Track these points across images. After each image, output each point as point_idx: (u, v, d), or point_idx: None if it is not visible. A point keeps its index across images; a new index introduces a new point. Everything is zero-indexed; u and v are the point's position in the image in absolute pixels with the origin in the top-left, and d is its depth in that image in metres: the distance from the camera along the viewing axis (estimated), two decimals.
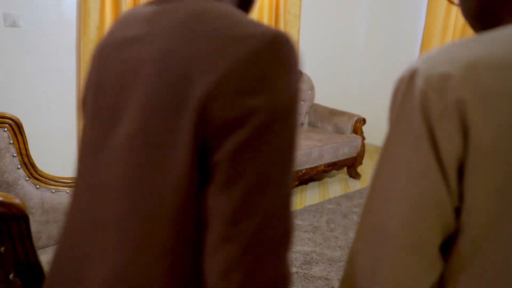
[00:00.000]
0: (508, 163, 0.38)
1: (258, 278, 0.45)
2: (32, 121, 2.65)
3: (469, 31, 3.50)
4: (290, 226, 0.46)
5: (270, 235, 0.45)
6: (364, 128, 3.77)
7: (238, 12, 0.48)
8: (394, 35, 4.23)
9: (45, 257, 1.50)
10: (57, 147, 2.82)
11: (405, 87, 0.44)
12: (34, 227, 1.55)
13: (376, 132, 4.54)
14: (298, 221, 2.85)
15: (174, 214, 0.47)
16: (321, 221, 2.92)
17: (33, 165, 1.57)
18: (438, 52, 0.44)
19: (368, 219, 0.48)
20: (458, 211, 0.43)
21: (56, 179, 1.63)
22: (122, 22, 0.59)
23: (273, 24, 3.66)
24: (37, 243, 1.56)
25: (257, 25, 0.46)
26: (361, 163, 3.77)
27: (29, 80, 2.59)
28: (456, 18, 3.63)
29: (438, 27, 3.76)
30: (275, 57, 0.44)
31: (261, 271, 0.45)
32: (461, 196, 0.42)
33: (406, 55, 4.16)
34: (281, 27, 3.71)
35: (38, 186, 1.57)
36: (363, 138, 3.67)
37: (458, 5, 0.56)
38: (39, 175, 1.58)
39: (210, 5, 0.49)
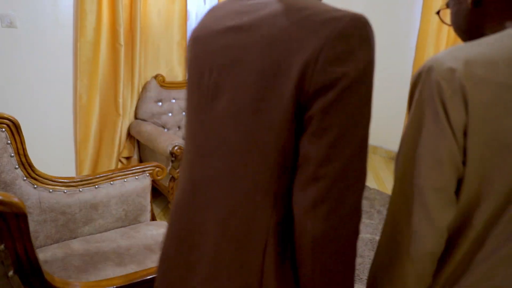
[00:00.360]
0: (492, 127, 0.57)
1: (340, 210, 0.57)
2: (29, 121, 2.67)
3: None
4: (365, 168, 0.59)
5: (351, 175, 0.57)
6: None
7: (317, 1, 0.61)
8: (389, 37, 4.27)
9: (43, 256, 1.51)
10: (54, 147, 2.83)
11: (424, 78, 0.62)
12: (31, 226, 1.57)
13: (371, 132, 4.58)
14: None
15: (276, 165, 0.61)
16: None
17: (30, 165, 1.58)
18: (444, 54, 0.62)
19: (401, 174, 0.65)
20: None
21: (53, 179, 1.64)
22: (213, 16, 0.73)
23: None
24: (35, 242, 1.58)
25: (337, 10, 0.58)
26: None
27: (26, 81, 2.61)
28: None
29: (433, 31, 3.79)
30: (355, 34, 0.56)
31: (343, 204, 0.57)
32: (464, 152, 0.59)
33: (401, 57, 4.19)
34: None
35: (35, 186, 1.58)
36: None
37: (450, 24, 0.77)
38: (36, 175, 1.59)
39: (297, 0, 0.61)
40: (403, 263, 0.64)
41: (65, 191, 1.66)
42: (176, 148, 2.52)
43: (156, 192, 3.10)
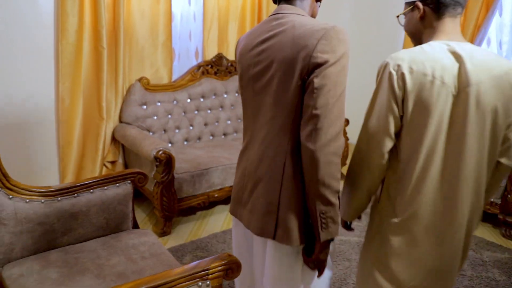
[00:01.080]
0: (417, 96, 1.06)
1: (326, 136, 1.03)
2: (9, 126, 2.60)
3: None
4: (343, 113, 1.06)
5: (332, 115, 1.03)
6: (347, 128, 3.79)
7: (312, 19, 1.13)
8: (376, 36, 4.26)
9: (18, 269, 1.47)
10: (37, 151, 2.77)
11: (383, 69, 1.11)
12: (7, 238, 1.52)
13: (357, 131, 4.58)
14: None
15: (293, 112, 1.09)
16: None
17: (5, 175, 1.54)
18: (395, 55, 1.10)
19: (365, 123, 1.16)
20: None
21: (30, 189, 1.59)
22: (251, 35, 1.22)
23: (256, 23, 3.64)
24: (11, 254, 1.53)
25: (325, 23, 1.06)
26: (345, 164, 3.79)
27: (6, 83, 2.54)
28: None
29: None
30: (334, 37, 1.04)
31: (328, 133, 1.03)
32: (403, 111, 1.09)
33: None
34: None
35: (11, 197, 1.53)
36: (347, 139, 3.69)
37: (403, 26, 1.25)
38: (12, 185, 1.54)
39: (300, 18, 1.12)
40: (364, 170, 1.19)
41: (43, 201, 1.62)
42: (160, 152, 2.48)
43: (142, 197, 3.05)
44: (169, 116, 3.18)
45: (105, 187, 1.79)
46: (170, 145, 3.20)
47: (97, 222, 1.76)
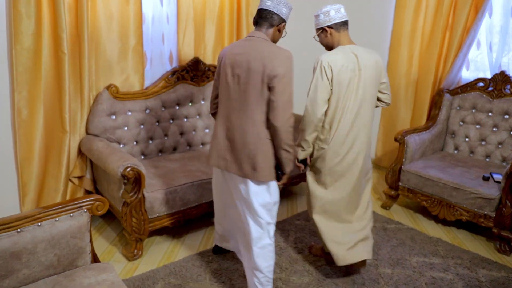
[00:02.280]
0: (338, 78, 2.02)
1: (283, 118, 1.80)
2: None
3: (437, 34, 3.38)
4: (291, 104, 1.84)
5: (285, 106, 1.81)
6: None
7: (273, 44, 1.93)
8: (363, 38, 4.08)
9: None
10: None
11: (319, 64, 2.03)
12: None
13: None
14: None
15: (263, 106, 1.84)
16: (289, 241, 2.72)
17: None
18: (323, 56, 2.04)
19: (310, 94, 2.05)
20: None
21: None
22: (232, 47, 1.96)
23: (235, 28, 3.42)
24: None
25: (280, 48, 1.88)
26: None
27: None
28: (424, 21, 3.51)
29: (407, 32, 3.63)
30: (285, 58, 1.83)
31: (283, 116, 1.81)
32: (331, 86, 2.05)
33: None
34: (244, 30, 3.48)
35: None
36: None
37: (320, 42, 2.22)
38: None
39: (265, 42, 1.90)
40: (310, 123, 2.06)
41: None
42: (128, 169, 2.24)
43: (111, 215, 2.81)
44: (141, 126, 2.94)
45: (56, 219, 1.55)
46: (143, 157, 2.96)
47: (46, 260, 1.52)
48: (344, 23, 2.09)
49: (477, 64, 3.52)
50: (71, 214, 1.59)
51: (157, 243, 2.65)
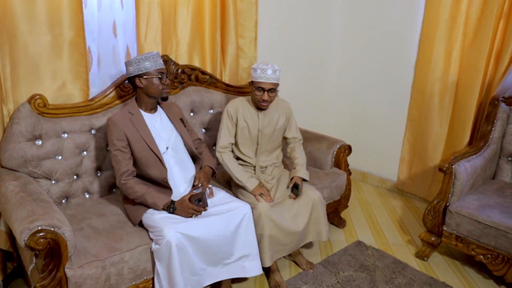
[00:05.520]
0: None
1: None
2: None
3: (487, 22, 2.54)
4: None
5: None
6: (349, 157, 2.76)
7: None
8: (383, 29, 3.24)
9: None
10: None
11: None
12: None
13: (361, 155, 3.55)
14: None
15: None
16: None
17: None
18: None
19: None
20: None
21: None
22: None
23: (219, 16, 2.57)
24: None
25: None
26: (346, 206, 2.76)
27: None
28: (469, 4, 2.65)
29: (444, 19, 2.77)
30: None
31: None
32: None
33: (400, 58, 3.17)
34: (231, 20, 2.63)
35: None
36: (349, 173, 2.66)
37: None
38: None
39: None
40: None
41: None
42: (39, 237, 1.39)
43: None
44: (84, 153, 2.08)
45: None
46: (87, 195, 2.11)
47: None
48: None
49: None
50: None
51: None
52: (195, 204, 1.78)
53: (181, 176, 1.97)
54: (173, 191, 1.92)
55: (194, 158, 2.08)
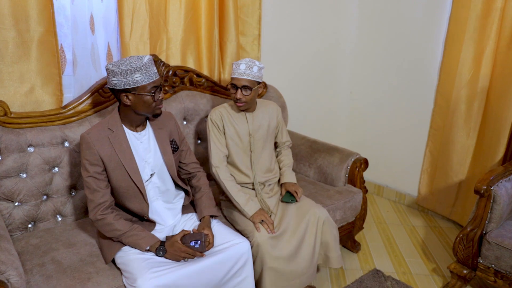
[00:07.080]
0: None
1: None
2: None
3: None
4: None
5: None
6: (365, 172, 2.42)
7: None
8: (402, 29, 2.90)
9: None
10: None
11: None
12: None
13: (377, 166, 3.19)
14: None
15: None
16: None
17: None
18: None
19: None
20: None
21: None
22: None
23: (216, 11, 2.25)
24: None
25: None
26: (361, 228, 2.42)
27: None
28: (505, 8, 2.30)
29: (474, 15, 2.43)
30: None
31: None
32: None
33: (424, 59, 2.82)
34: (231, 15, 2.31)
35: None
36: (365, 191, 2.32)
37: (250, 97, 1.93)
38: None
39: None
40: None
41: None
42: None
43: None
44: (55, 169, 1.77)
45: None
46: (60, 218, 1.80)
47: None
48: None
49: None
50: None
51: None
52: (189, 246, 1.43)
53: (165, 210, 1.64)
54: (158, 224, 1.60)
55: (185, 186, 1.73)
